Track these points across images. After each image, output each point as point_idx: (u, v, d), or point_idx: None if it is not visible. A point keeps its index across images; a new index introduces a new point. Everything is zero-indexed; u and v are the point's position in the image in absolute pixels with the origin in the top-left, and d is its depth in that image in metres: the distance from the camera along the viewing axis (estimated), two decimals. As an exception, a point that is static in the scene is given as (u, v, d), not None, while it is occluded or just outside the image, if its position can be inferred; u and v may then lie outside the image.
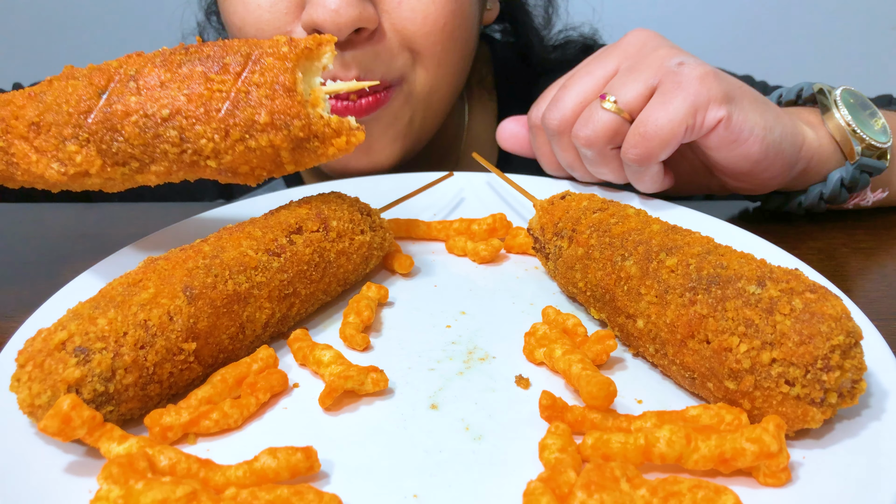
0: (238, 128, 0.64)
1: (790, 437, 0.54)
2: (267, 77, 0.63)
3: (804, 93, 0.94)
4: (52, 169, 0.67)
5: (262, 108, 0.63)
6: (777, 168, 0.85)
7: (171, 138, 0.64)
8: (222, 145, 0.64)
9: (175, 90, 0.64)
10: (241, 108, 0.63)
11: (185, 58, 0.65)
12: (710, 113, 0.78)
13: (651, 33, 0.87)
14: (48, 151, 0.66)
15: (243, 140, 0.64)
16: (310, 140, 0.66)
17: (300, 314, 0.69)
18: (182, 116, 0.63)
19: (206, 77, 0.64)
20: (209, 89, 0.63)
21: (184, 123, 0.64)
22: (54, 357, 0.53)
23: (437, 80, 1.05)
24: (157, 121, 0.64)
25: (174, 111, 0.63)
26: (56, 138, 0.66)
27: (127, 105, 0.64)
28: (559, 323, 0.67)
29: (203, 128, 0.63)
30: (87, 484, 0.51)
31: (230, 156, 0.65)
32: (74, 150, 0.65)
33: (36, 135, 0.66)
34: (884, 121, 0.90)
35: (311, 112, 0.65)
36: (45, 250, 0.94)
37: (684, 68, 0.79)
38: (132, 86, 0.64)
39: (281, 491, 0.48)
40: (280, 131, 0.64)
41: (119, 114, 0.64)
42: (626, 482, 0.47)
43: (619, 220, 0.68)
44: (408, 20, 0.97)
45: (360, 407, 0.60)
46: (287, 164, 0.68)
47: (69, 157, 0.66)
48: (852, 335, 0.51)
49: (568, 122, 0.86)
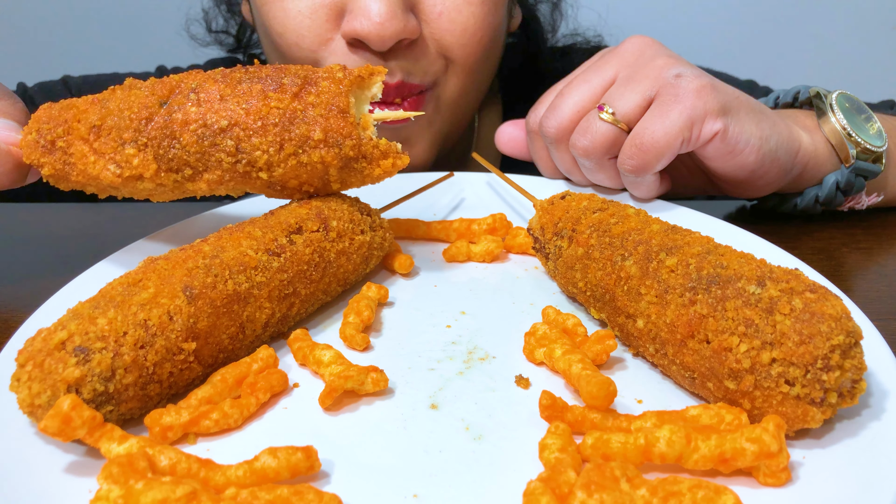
0: (293, 142, 0.67)
1: (790, 437, 0.54)
2: (323, 98, 0.67)
3: (801, 96, 0.94)
4: (109, 171, 0.69)
5: (316, 126, 0.67)
6: (773, 175, 0.86)
7: (228, 148, 0.67)
8: (276, 158, 0.67)
9: (234, 104, 0.67)
10: (297, 124, 0.67)
11: (244, 76, 0.68)
12: (707, 125, 0.79)
13: (649, 40, 0.87)
14: (106, 153, 0.68)
15: (296, 154, 0.67)
16: (358, 160, 0.69)
17: (300, 314, 0.69)
18: (240, 128, 0.67)
19: (264, 94, 0.67)
20: (267, 105, 0.67)
21: (241, 135, 0.67)
22: (54, 357, 0.53)
23: (466, 87, 1.08)
24: (214, 130, 0.67)
25: (232, 123, 0.66)
26: (115, 141, 0.68)
27: (187, 114, 0.67)
28: (559, 323, 0.67)
29: (259, 140, 0.67)
30: (87, 484, 0.51)
31: (282, 169, 0.68)
32: (132, 154, 0.68)
33: (96, 137, 0.68)
34: (879, 125, 0.91)
35: (361, 133, 0.68)
36: (45, 250, 0.94)
37: (682, 80, 0.79)
38: (193, 97, 0.67)
39: (281, 491, 0.48)
40: (332, 148, 0.67)
41: (179, 122, 0.67)
42: (626, 482, 0.47)
43: (619, 219, 0.68)
44: (447, 31, 0.99)
45: (360, 407, 0.60)
46: (334, 182, 0.71)
47: (126, 159, 0.68)
48: (852, 335, 0.52)
49: (565, 131, 0.86)
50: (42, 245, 0.96)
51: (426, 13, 0.98)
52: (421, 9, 0.98)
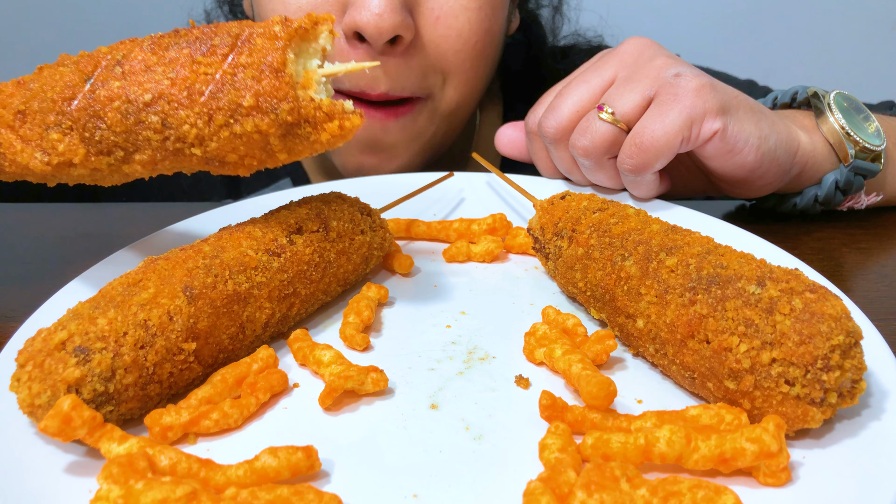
0: (222, 112, 0.60)
1: (790, 437, 0.54)
2: (255, 58, 0.59)
3: (799, 96, 0.95)
4: (36, 159, 0.64)
5: (247, 91, 0.59)
6: (772, 175, 0.86)
7: (153, 124, 0.61)
8: (206, 131, 0.61)
9: (160, 74, 0.60)
10: (225, 90, 0.59)
11: (173, 40, 0.62)
12: (706, 125, 0.79)
13: (648, 41, 0.88)
14: (32, 140, 0.64)
15: (228, 125, 0.60)
16: (300, 125, 0.61)
17: (300, 314, 0.69)
18: (165, 101, 0.60)
19: (192, 59, 0.60)
20: (194, 72, 0.60)
21: (166, 108, 0.60)
22: (54, 357, 0.53)
23: (463, 97, 1.08)
24: (138, 106, 0.60)
25: (157, 96, 0.60)
26: (40, 126, 0.63)
27: (110, 91, 0.61)
28: (559, 323, 0.67)
29: (186, 112, 0.60)
30: (87, 484, 0.51)
31: (215, 143, 0.62)
32: (57, 139, 0.63)
33: (21, 123, 0.64)
34: (877, 124, 0.91)
35: (300, 94, 0.60)
36: (45, 250, 0.94)
37: (681, 80, 0.79)
38: (118, 71, 0.61)
39: (281, 491, 0.48)
40: (266, 115, 0.59)
41: (102, 100, 0.61)
42: (626, 482, 0.47)
43: (618, 220, 0.68)
44: (442, 37, 0.99)
45: (360, 407, 0.60)
46: (279, 152, 0.64)
47: (52, 145, 0.63)
48: (852, 335, 0.52)
49: (565, 131, 0.87)
50: (42, 245, 0.96)
51: (424, 17, 0.98)
52: (420, 12, 0.98)
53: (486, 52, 1.05)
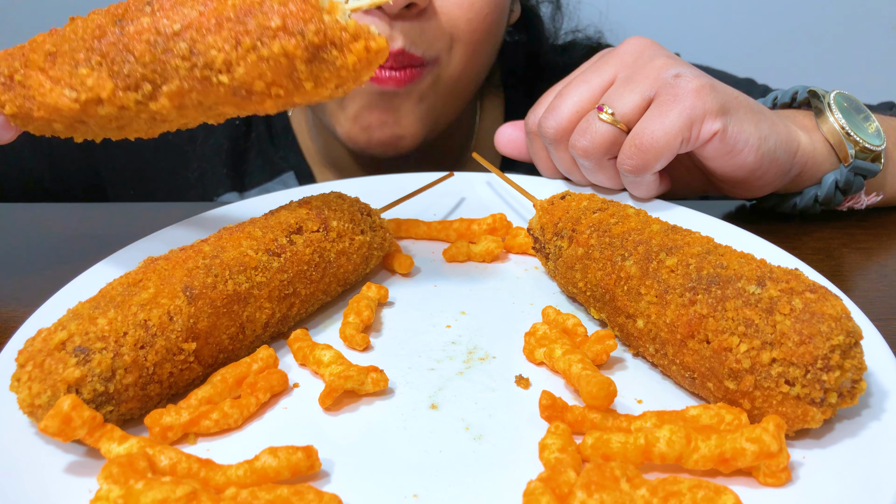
0: (249, 35, 0.61)
1: (790, 437, 0.54)
2: None
3: (798, 96, 0.95)
4: (65, 96, 0.65)
5: (274, 14, 0.60)
6: (772, 175, 0.86)
7: (181, 51, 0.62)
8: (234, 55, 0.61)
9: (189, 7, 0.62)
10: (253, 14, 0.61)
11: None
12: (706, 125, 0.79)
13: (648, 41, 0.88)
14: (62, 80, 0.65)
15: (255, 48, 0.61)
16: (326, 48, 0.62)
17: (300, 314, 0.69)
18: (193, 29, 0.61)
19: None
20: (223, 3, 0.61)
21: (194, 35, 0.61)
22: (54, 357, 0.53)
23: (466, 67, 1.10)
24: (167, 36, 0.62)
25: (185, 26, 0.61)
26: (69, 65, 0.65)
27: (139, 26, 0.62)
28: (559, 323, 0.67)
29: (213, 38, 0.61)
30: (87, 484, 0.51)
31: (242, 67, 0.62)
32: (86, 74, 0.64)
33: (52, 65, 0.65)
34: (877, 124, 0.91)
35: (326, 17, 0.61)
36: (45, 250, 0.94)
37: (681, 80, 0.79)
38: (147, 9, 0.63)
39: (281, 491, 0.48)
40: (293, 37, 0.60)
41: (131, 34, 0.62)
42: (626, 482, 0.47)
43: (619, 220, 0.68)
44: (455, 4, 1.03)
45: (360, 407, 0.60)
46: (305, 80, 0.64)
47: (81, 81, 0.65)
48: (852, 335, 0.52)
49: (565, 131, 0.87)
50: (42, 245, 0.96)
51: None
52: None
53: (493, 26, 1.09)
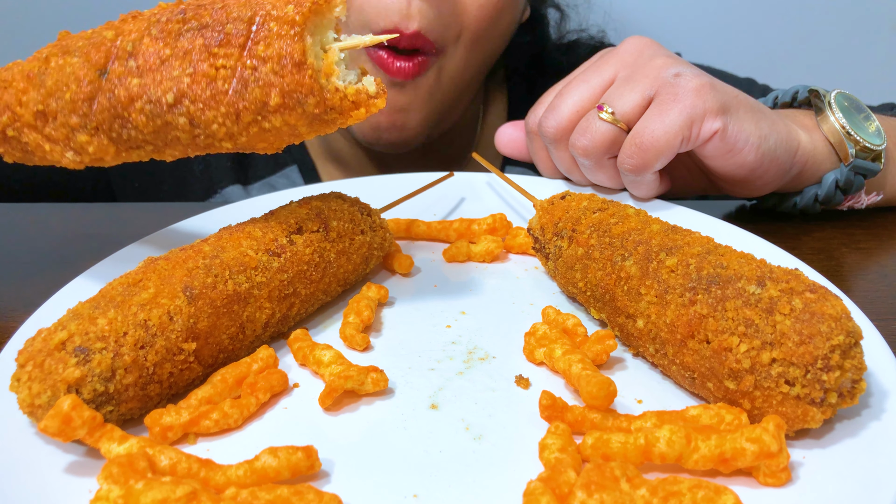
0: (248, 111, 0.59)
1: (790, 437, 0.54)
2: (273, 48, 0.58)
3: (799, 95, 0.95)
4: (68, 158, 0.66)
5: (271, 89, 0.58)
6: (772, 174, 0.86)
7: (182, 125, 0.61)
8: (235, 129, 0.60)
9: (178, 69, 0.59)
10: (249, 87, 0.59)
11: (182, 27, 0.60)
12: (706, 124, 0.79)
13: (648, 41, 0.88)
14: (60, 140, 0.65)
15: (256, 122, 0.60)
16: (327, 113, 0.60)
17: (300, 314, 0.69)
18: (189, 101, 0.60)
19: (208, 52, 0.59)
20: (212, 66, 0.59)
21: (192, 109, 0.60)
22: (54, 357, 0.53)
23: (469, 60, 1.11)
24: (163, 107, 0.60)
25: (179, 95, 0.59)
26: (65, 127, 0.64)
27: (129, 89, 0.60)
28: (559, 323, 0.67)
29: (213, 113, 0.60)
30: (87, 484, 0.51)
31: (245, 137, 0.62)
32: (86, 141, 0.64)
33: (44, 123, 0.64)
34: (878, 123, 0.91)
35: (325, 85, 0.59)
36: (45, 250, 0.94)
37: (681, 79, 0.79)
38: (132, 65, 0.60)
39: (281, 491, 0.48)
40: (294, 111, 0.59)
41: (123, 100, 0.61)
42: (626, 482, 0.47)
43: (619, 220, 0.68)
44: None
45: (360, 407, 0.60)
46: (306, 134, 0.64)
47: (81, 147, 0.64)
48: (852, 335, 0.52)
49: (565, 131, 0.87)
50: (42, 245, 0.96)
51: None
52: None
53: (502, 21, 1.09)
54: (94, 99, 0.62)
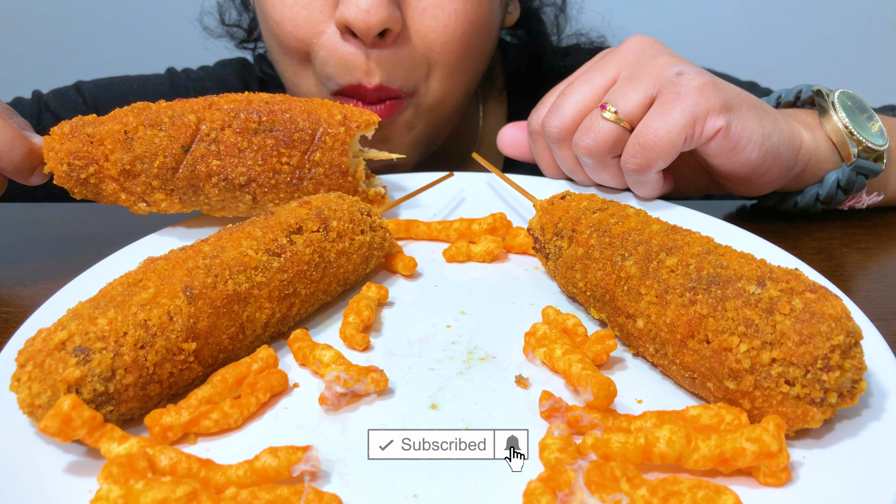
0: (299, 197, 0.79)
1: (790, 437, 0.54)
2: (326, 157, 0.79)
3: (803, 94, 0.95)
4: (139, 206, 0.80)
5: (321, 186, 0.80)
6: (775, 173, 0.86)
7: (246, 201, 0.79)
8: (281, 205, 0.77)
9: (251, 159, 0.77)
10: (304, 182, 0.79)
11: (258, 126, 0.77)
12: (709, 123, 0.79)
13: (650, 40, 0.88)
14: (136, 193, 0.79)
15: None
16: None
17: (300, 314, 0.69)
18: (256, 184, 0.78)
19: (277, 150, 0.77)
20: (279, 161, 0.78)
21: (257, 190, 0.78)
22: (54, 357, 0.53)
23: (447, 91, 1.09)
24: (234, 186, 0.78)
25: (250, 179, 0.77)
26: (145, 185, 0.78)
27: (209, 167, 0.77)
28: (559, 323, 0.67)
29: (272, 196, 0.79)
30: (87, 484, 0.51)
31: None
32: (161, 198, 0.79)
33: (125, 179, 0.78)
34: (880, 124, 0.91)
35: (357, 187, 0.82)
36: (45, 250, 0.94)
37: (683, 78, 0.79)
38: (213, 148, 0.77)
39: (281, 491, 0.48)
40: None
41: (202, 175, 0.77)
42: (626, 482, 0.47)
43: (619, 220, 0.68)
44: (429, 28, 1.01)
45: (360, 407, 0.60)
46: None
47: (155, 201, 0.80)
48: (852, 335, 0.52)
49: (568, 130, 0.87)
50: (42, 245, 0.96)
51: (412, 7, 1.00)
52: (407, 3, 0.99)
53: (473, 44, 1.06)
54: (178, 169, 0.77)
